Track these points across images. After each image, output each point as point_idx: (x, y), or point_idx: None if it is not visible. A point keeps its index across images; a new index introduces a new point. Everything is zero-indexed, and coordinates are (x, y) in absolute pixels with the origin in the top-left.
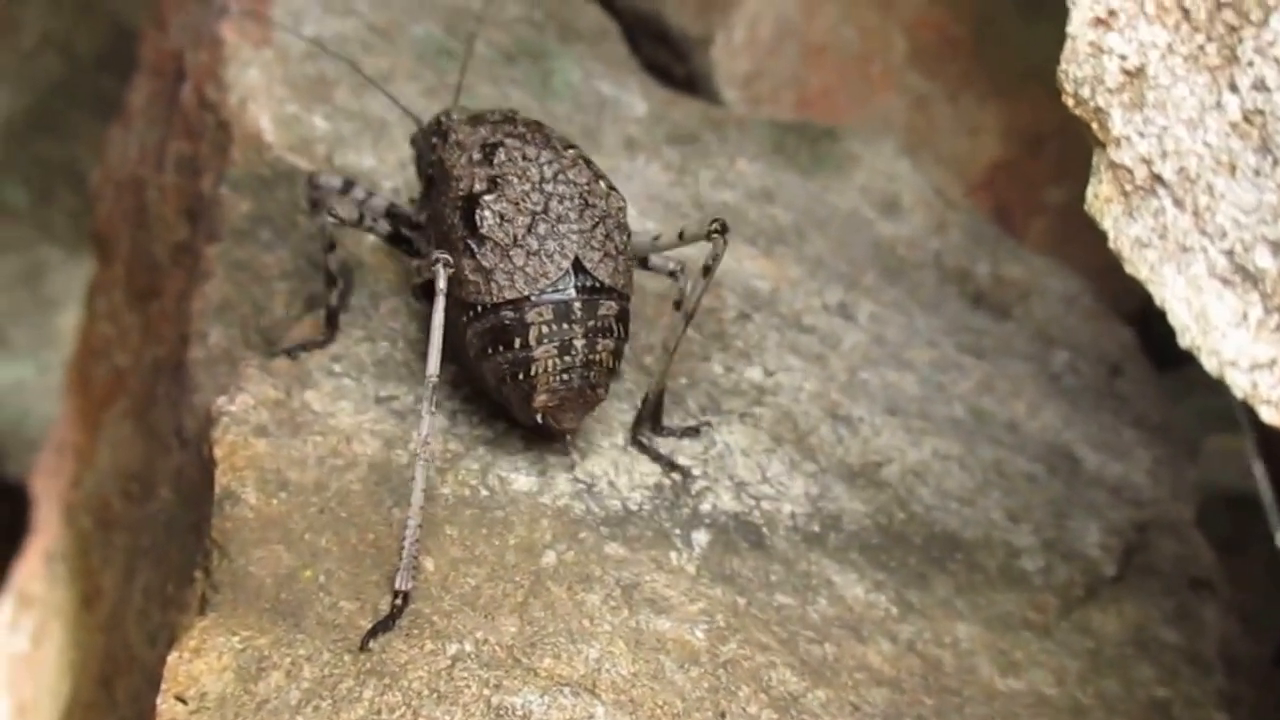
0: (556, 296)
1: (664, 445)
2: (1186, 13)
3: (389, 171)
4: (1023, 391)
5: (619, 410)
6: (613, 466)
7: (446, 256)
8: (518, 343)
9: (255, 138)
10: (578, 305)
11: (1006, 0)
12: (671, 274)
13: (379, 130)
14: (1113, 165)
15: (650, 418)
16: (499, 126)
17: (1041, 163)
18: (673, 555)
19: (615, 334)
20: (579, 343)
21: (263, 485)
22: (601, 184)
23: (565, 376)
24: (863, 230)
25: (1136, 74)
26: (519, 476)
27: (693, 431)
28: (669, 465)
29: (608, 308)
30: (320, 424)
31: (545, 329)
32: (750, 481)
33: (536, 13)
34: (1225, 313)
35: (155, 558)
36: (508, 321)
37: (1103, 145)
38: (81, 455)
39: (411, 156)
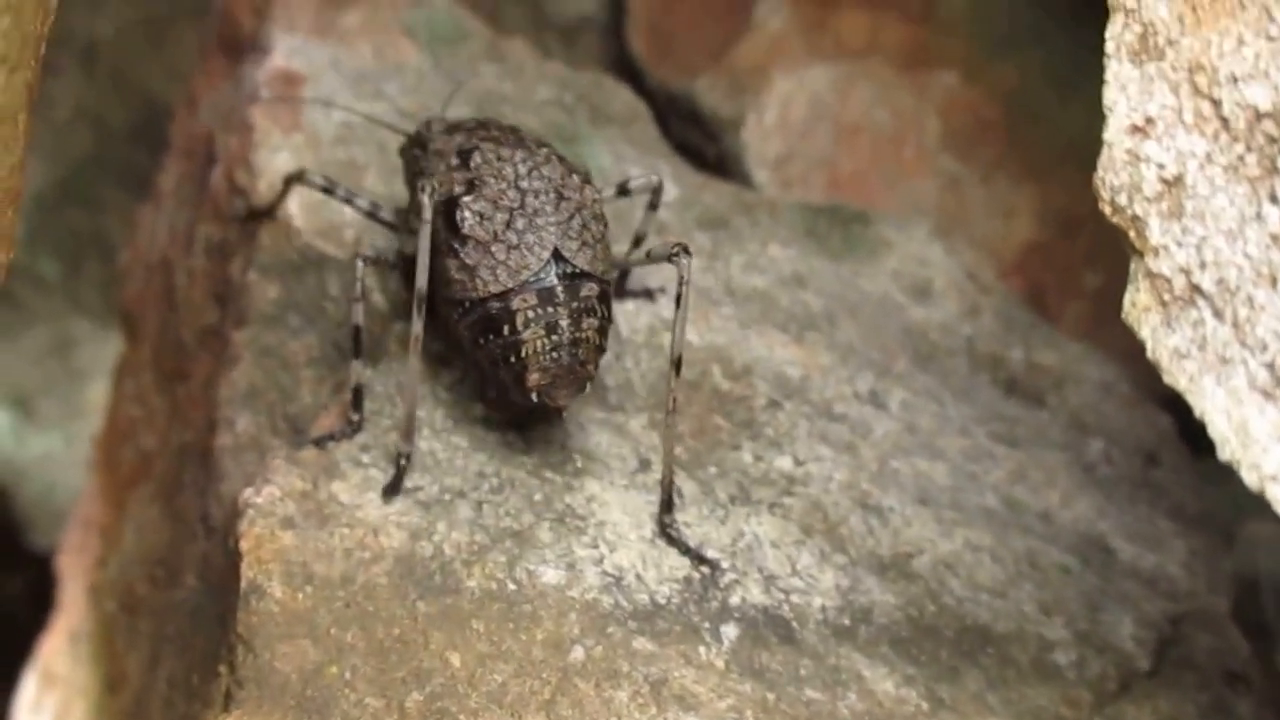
0: (540, 284)
1: (691, 538)
2: (1225, 122)
3: None
4: (1056, 481)
5: (647, 501)
6: (641, 559)
7: (433, 183)
8: (506, 329)
9: (284, 223)
10: (560, 289)
11: (1040, 82)
12: (648, 293)
13: None
14: (1151, 274)
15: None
16: (474, 132)
17: (1077, 245)
18: (701, 650)
19: (599, 314)
20: (564, 323)
21: (289, 579)
22: (575, 177)
23: (554, 355)
24: (894, 315)
25: (1175, 183)
26: (547, 569)
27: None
28: (698, 559)
29: (589, 289)
30: (347, 516)
31: (531, 314)
32: (780, 574)
33: (567, 95)
34: (1266, 426)
35: (180, 646)
36: (495, 311)
37: (1140, 254)
38: (107, 535)
39: (402, 169)
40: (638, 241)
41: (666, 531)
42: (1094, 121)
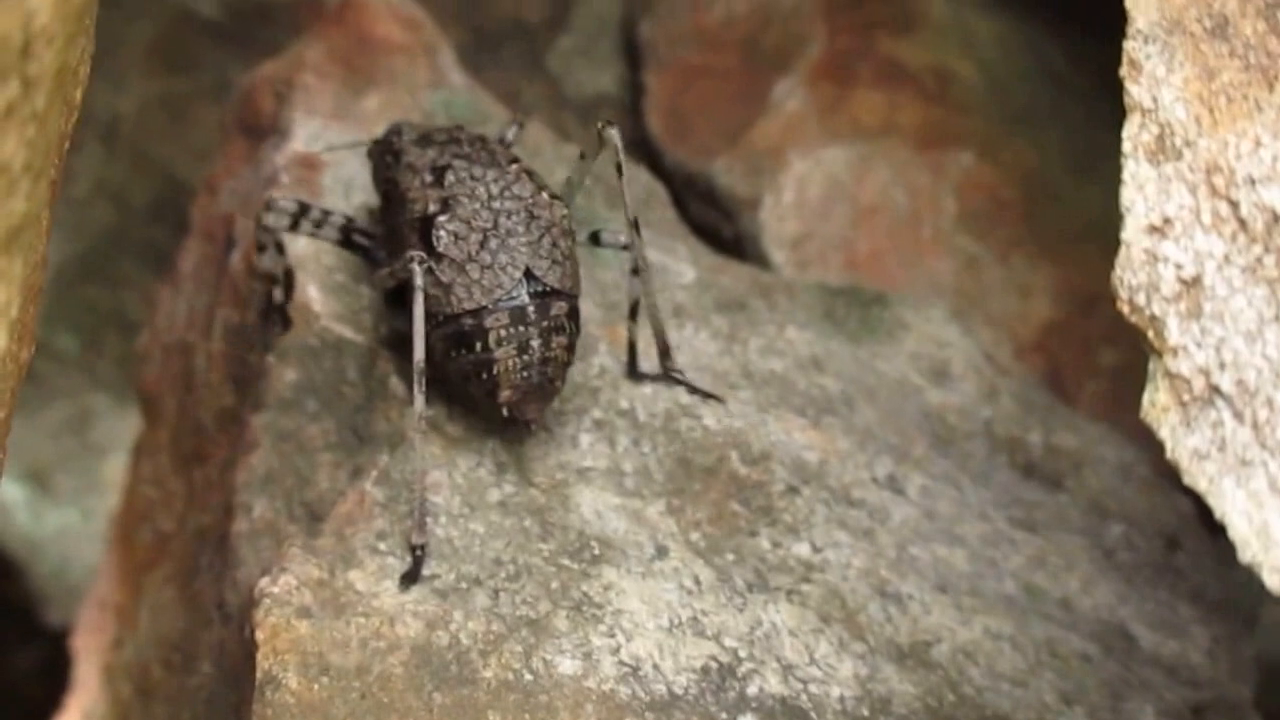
0: (512, 303)
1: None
2: (1243, 223)
3: None
4: (1076, 567)
5: (664, 589)
6: (658, 649)
7: (421, 254)
8: (479, 346)
9: (303, 307)
10: (532, 309)
11: (1058, 161)
12: (625, 246)
13: None
14: (1169, 375)
15: (662, 354)
16: (446, 147)
17: (1094, 324)
18: None
19: (568, 330)
20: (535, 342)
21: (304, 669)
22: (544, 195)
23: (525, 374)
24: (912, 399)
25: (1193, 283)
26: (563, 659)
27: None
28: (704, 394)
29: (559, 308)
30: (363, 604)
31: (503, 332)
32: (798, 663)
33: (585, 176)
34: None
35: None
36: (468, 328)
37: (1159, 354)
38: (123, 616)
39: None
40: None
41: (670, 374)
42: (1111, 201)
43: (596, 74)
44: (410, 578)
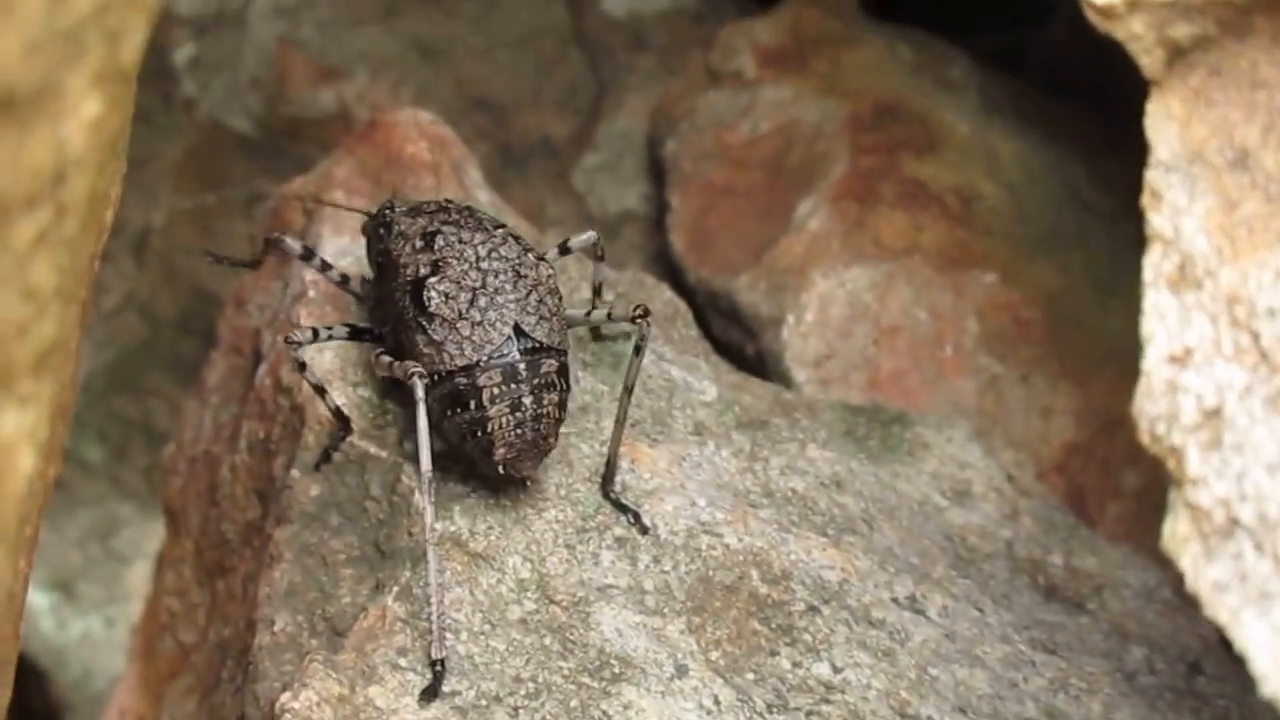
0: (503, 360)
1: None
2: (1265, 355)
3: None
4: (1098, 690)
5: (684, 708)
6: None
7: (420, 369)
8: (473, 404)
9: (328, 422)
10: (522, 366)
11: (1080, 282)
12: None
13: None
14: (1190, 505)
15: (607, 478)
16: (435, 216)
17: (1116, 445)
18: None
19: (558, 387)
20: (527, 400)
21: None
22: (530, 256)
23: (519, 431)
24: (933, 519)
25: (1214, 414)
26: None
27: (631, 514)
28: (635, 518)
29: (549, 365)
30: None
31: (496, 390)
32: None
33: (610, 293)
34: None
35: None
36: (462, 387)
37: (1180, 484)
38: None
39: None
40: (597, 291)
41: (609, 496)
42: (1133, 323)
43: (621, 191)
44: (430, 693)
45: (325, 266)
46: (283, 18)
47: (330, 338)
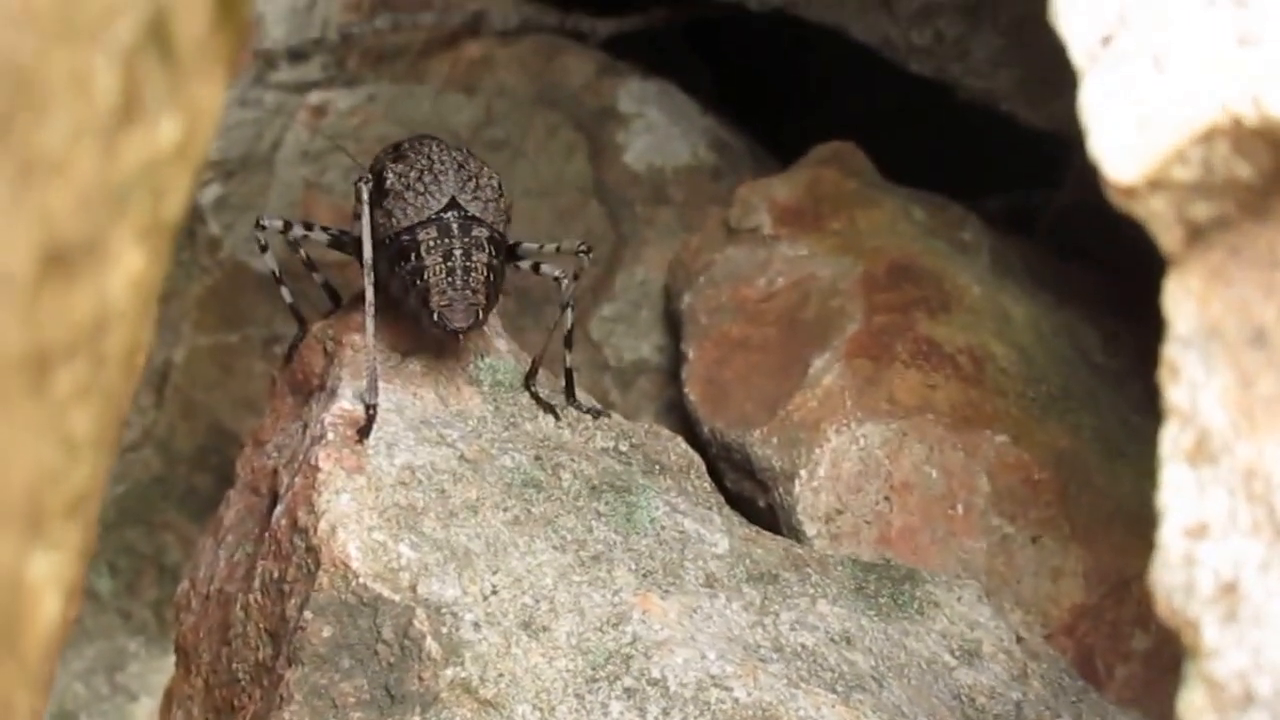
0: (439, 221)
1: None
2: None
3: (470, 602)
4: None
5: None
6: None
7: (366, 175)
8: (413, 256)
9: (343, 564)
10: (455, 226)
11: (1090, 444)
12: (556, 280)
13: (463, 559)
14: (1206, 678)
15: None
16: (411, 138)
17: (1125, 608)
18: None
19: (489, 253)
20: (458, 252)
21: None
22: (480, 163)
23: (450, 279)
24: (942, 678)
25: (1230, 588)
26: None
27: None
28: (548, 407)
29: (480, 231)
30: None
31: (431, 243)
32: None
33: (624, 444)
34: None
35: None
36: (405, 242)
37: (1195, 656)
38: None
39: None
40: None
41: (530, 389)
42: (1142, 486)
43: (636, 341)
44: (364, 433)
45: (306, 230)
46: (309, 162)
47: (307, 237)
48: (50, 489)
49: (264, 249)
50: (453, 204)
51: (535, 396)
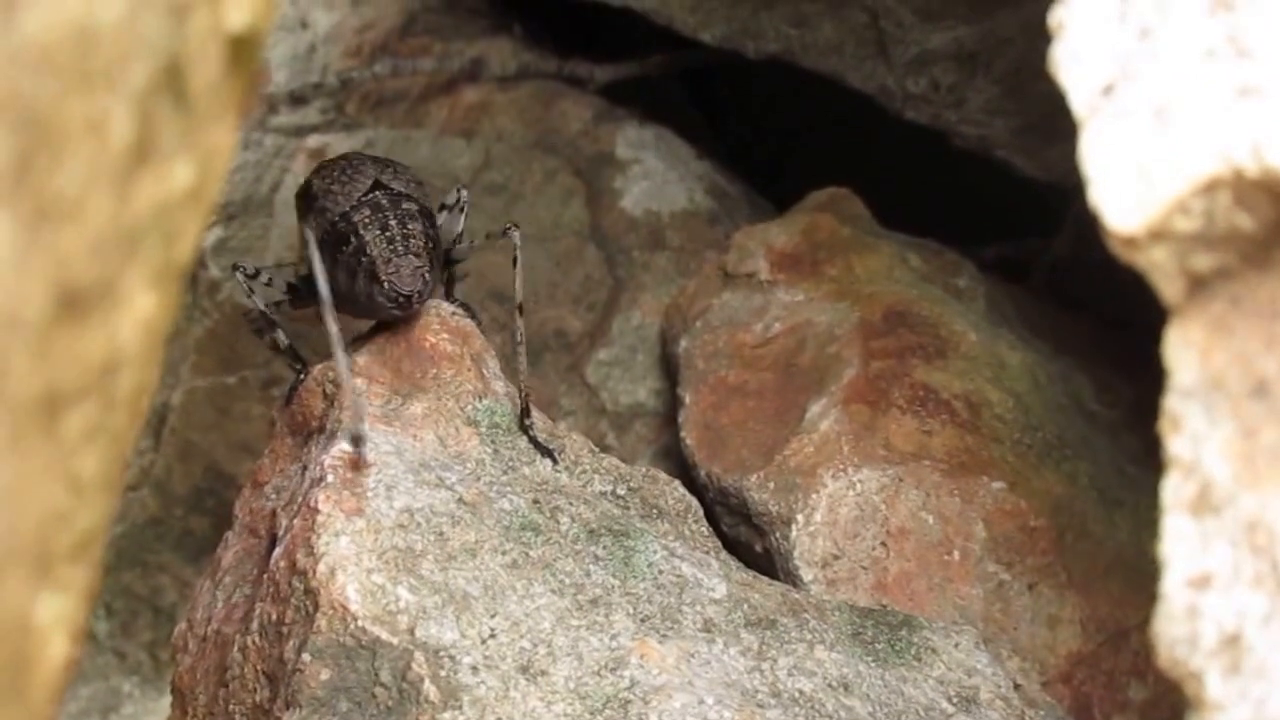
0: (368, 200)
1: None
2: None
3: (468, 646)
4: None
5: None
6: None
7: (309, 224)
8: (353, 237)
9: (341, 607)
10: (385, 201)
11: (1085, 493)
12: (463, 275)
13: (462, 603)
14: None
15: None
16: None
17: (1122, 657)
18: None
19: (421, 224)
20: (393, 222)
21: None
22: (400, 165)
23: (392, 248)
24: None
25: (1234, 639)
26: None
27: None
28: (545, 451)
29: (409, 205)
30: None
31: (367, 220)
32: None
33: (621, 488)
34: None
35: None
36: (341, 228)
37: (1199, 708)
38: None
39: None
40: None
41: (527, 433)
42: (1139, 534)
43: (633, 386)
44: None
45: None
46: None
47: (269, 282)
48: (58, 530)
49: (251, 293)
50: (377, 185)
51: (533, 440)
